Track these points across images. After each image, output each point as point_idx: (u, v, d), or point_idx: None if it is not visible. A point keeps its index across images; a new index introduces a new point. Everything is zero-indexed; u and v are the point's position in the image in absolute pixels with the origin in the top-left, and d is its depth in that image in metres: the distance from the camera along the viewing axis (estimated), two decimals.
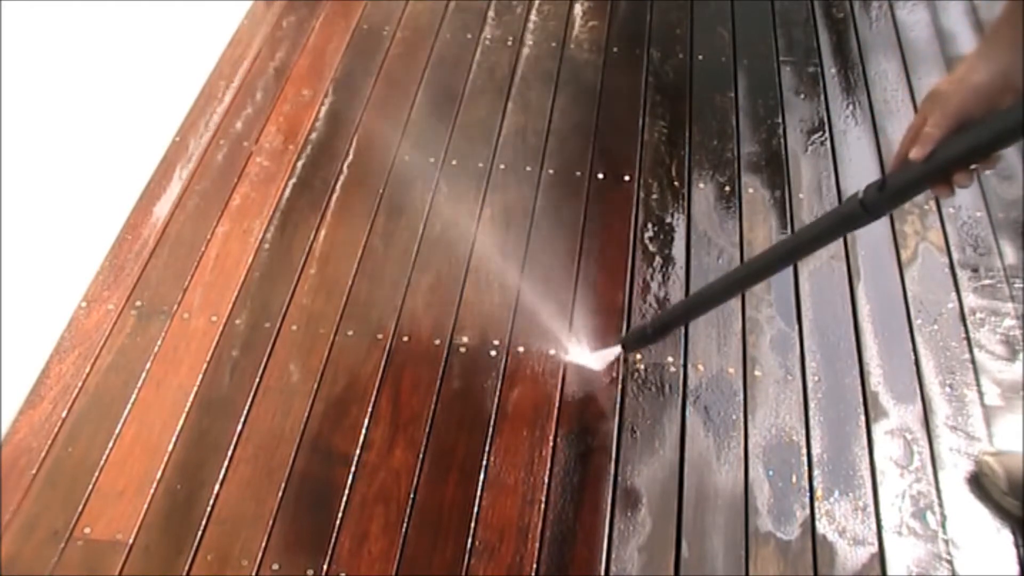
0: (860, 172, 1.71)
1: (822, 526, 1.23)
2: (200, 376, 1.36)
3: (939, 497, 1.26)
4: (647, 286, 1.50)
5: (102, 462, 1.26)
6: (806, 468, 1.29)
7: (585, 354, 1.38)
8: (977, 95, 0.75)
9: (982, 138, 0.73)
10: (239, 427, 1.30)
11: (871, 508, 1.25)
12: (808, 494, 1.26)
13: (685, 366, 1.40)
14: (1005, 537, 1.23)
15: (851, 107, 1.85)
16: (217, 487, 1.24)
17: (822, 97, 1.87)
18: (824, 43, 1.99)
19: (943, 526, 1.23)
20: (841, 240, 1.58)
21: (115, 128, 1.53)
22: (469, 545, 1.19)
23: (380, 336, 1.42)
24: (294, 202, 1.63)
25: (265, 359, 1.39)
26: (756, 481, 1.27)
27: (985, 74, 0.74)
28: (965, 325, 1.47)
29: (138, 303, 1.46)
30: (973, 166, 0.76)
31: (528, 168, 1.70)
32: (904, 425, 1.34)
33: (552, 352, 1.40)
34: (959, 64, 0.77)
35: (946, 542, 1.22)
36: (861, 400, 1.37)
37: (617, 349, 1.34)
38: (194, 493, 1.23)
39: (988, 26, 0.76)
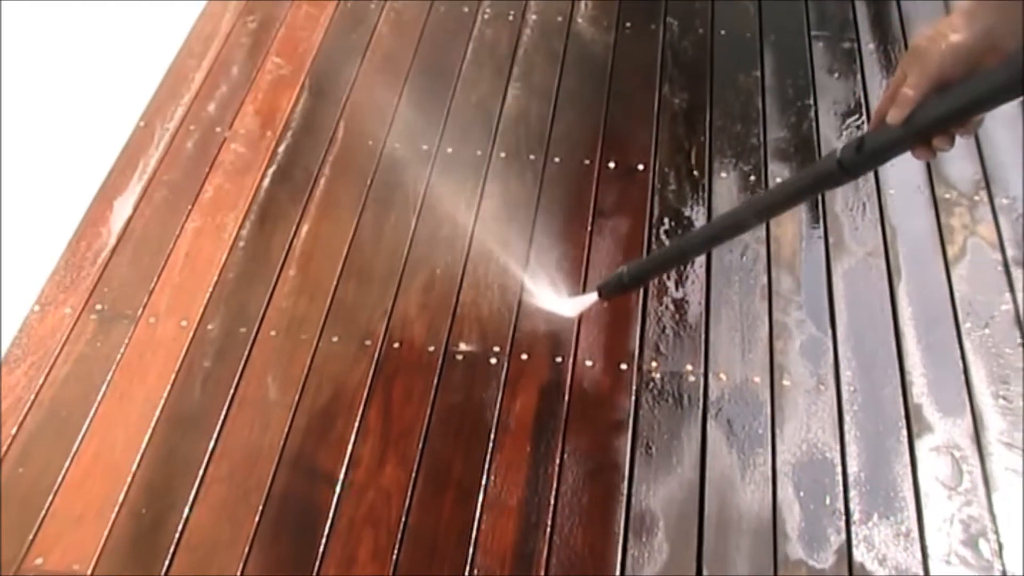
0: (901, 160, 1.72)
1: (859, 553, 1.24)
2: (168, 387, 1.38)
3: (993, 522, 1.27)
4: (663, 286, 1.52)
5: (57, 484, 1.27)
6: (841, 488, 1.30)
7: (556, 300, 1.41)
8: (957, 55, 0.76)
9: (961, 102, 0.76)
10: (212, 443, 1.32)
11: (915, 534, 1.26)
12: (844, 518, 1.27)
13: (706, 375, 1.41)
14: None
15: None
16: (187, 510, 1.25)
17: (859, 76, 1.88)
18: (861, 15, 2.01)
19: (999, 555, 1.23)
20: (880, 235, 1.60)
21: (72, 113, 1.55)
22: (467, 572, 1.20)
23: (368, 342, 1.43)
24: (273, 194, 1.64)
25: (241, 368, 1.40)
26: (785, 502, 1.28)
27: (967, 33, 0.75)
28: (1021, 329, 1.48)
29: (98, 306, 1.48)
30: (953, 130, 0.79)
31: (531, 156, 1.71)
32: (951, 441, 1.35)
33: (559, 360, 1.42)
34: (943, 19, 0.78)
35: (1003, 574, 1.22)
36: (903, 413, 1.38)
37: (593, 296, 1.35)
38: (162, 517, 1.24)
39: None
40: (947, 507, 1.28)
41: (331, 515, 1.25)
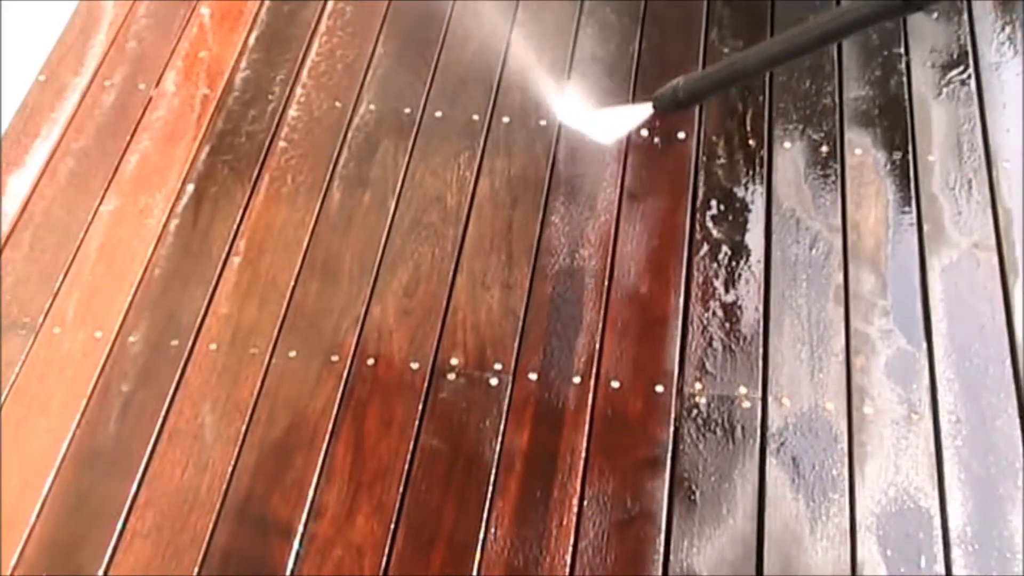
0: (1017, 125, 1.72)
1: None
2: (78, 416, 1.38)
3: None
4: (710, 287, 1.52)
5: None
6: (940, 547, 1.29)
7: (593, 117, 1.45)
8: None
9: None
10: (134, 488, 1.32)
11: None
12: None
13: (764, 400, 1.41)
14: None
15: (1007, 29, 1.86)
16: (101, 573, 1.25)
17: (964, 16, 1.87)
18: None
19: None
20: (990, 221, 1.59)
21: None
22: None
23: (335, 358, 1.44)
24: (212, 169, 1.65)
25: (172, 392, 1.40)
26: (868, 563, 1.27)
27: None
28: None
29: None
30: None
31: (542, 122, 1.71)
32: None
33: (577, 380, 1.41)
34: None
35: None
36: (1021, 451, 1.37)
37: (646, 108, 1.35)
38: None
39: None
40: None
41: None
